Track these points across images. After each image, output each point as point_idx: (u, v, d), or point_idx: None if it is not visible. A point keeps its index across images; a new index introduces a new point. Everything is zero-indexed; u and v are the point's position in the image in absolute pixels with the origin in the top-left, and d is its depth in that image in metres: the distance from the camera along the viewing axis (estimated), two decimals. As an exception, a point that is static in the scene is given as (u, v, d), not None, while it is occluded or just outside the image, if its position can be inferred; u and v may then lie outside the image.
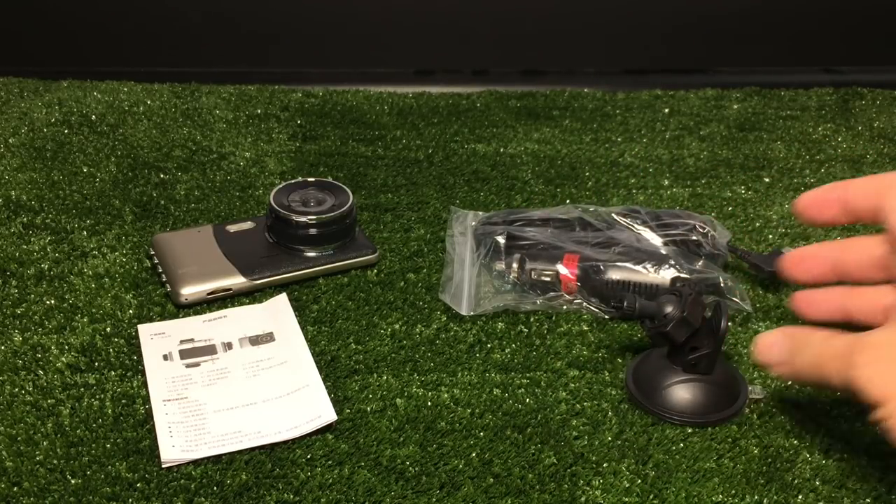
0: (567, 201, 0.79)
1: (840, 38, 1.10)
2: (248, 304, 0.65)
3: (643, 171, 0.84)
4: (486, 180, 0.82)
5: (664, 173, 0.84)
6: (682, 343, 0.54)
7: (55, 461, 0.50)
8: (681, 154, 0.88)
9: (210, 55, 1.06)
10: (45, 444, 0.52)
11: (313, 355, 0.59)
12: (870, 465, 0.52)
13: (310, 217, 0.67)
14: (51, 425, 0.53)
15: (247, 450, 0.52)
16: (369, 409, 0.55)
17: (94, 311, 0.63)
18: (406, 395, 0.57)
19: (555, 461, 0.52)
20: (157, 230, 0.72)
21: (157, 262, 0.67)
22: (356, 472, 0.51)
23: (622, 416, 0.56)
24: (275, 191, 0.69)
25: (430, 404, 0.56)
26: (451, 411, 0.55)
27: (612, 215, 0.69)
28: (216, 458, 0.51)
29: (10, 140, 0.85)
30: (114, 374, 0.57)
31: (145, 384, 0.57)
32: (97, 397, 0.55)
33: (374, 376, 0.58)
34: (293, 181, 0.72)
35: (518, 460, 0.52)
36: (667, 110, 0.97)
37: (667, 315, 0.54)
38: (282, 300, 0.64)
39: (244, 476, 0.50)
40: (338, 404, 0.55)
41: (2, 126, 0.87)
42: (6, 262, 0.67)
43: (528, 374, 0.59)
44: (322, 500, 0.49)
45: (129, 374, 0.57)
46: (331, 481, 0.50)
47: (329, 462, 0.51)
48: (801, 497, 0.50)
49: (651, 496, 0.50)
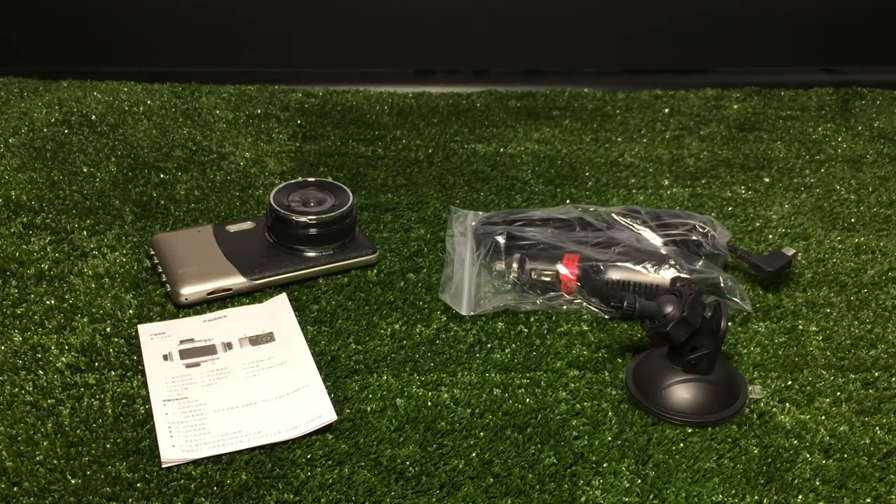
0: (567, 201, 0.79)
1: (840, 38, 1.10)
2: (248, 304, 0.65)
3: (643, 171, 0.84)
4: (486, 180, 0.82)
5: (664, 173, 0.84)
6: (682, 343, 0.54)
7: (55, 461, 0.50)
8: (681, 154, 0.88)
9: (210, 55, 1.06)
10: (45, 444, 0.52)
11: (313, 355, 0.59)
12: (870, 465, 0.52)
13: (310, 217, 0.67)
14: (51, 425, 0.53)
15: (247, 450, 0.52)
16: (369, 409, 0.55)
17: (94, 311, 0.63)
18: (406, 395, 0.57)
19: (555, 461, 0.52)
20: (157, 230, 0.72)
21: (157, 262, 0.67)
22: (356, 472, 0.51)
23: (622, 416, 0.56)
24: (275, 191, 0.69)
25: (430, 404, 0.56)
26: (451, 411, 0.55)
27: (612, 215, 0.69)
28: (216, 458, 0.51)
29: (10, 140, 0.85)
30: (114, 374, 0.57)
31: (145, 384, 0.57)
32: (97, 397, 0.55)
33: (374, 376, 0.58)
34: (293, 181, 0.71)
35: (518, 460, 0.52)
36: (667, 110, 0.97)
37: (667, 315, 0.54)
38: (282, 300, 0.64)
39: (244, 476, 0.50)
40: (338, 404, 0.55)
41: (2, 126, 0.87)
42: (6, 262, 0.67)
43: (528, 374, 0.59)
44: (322, 500, 0.49)
45: (129, 374, 0.57)
46: (331, 481, 0.50)
47: (329, 462, 0.51)
48: (801, 497, 0.50)
49: (651, 496, 0.50)
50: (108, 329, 0.61)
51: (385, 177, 0.82)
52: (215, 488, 0.49)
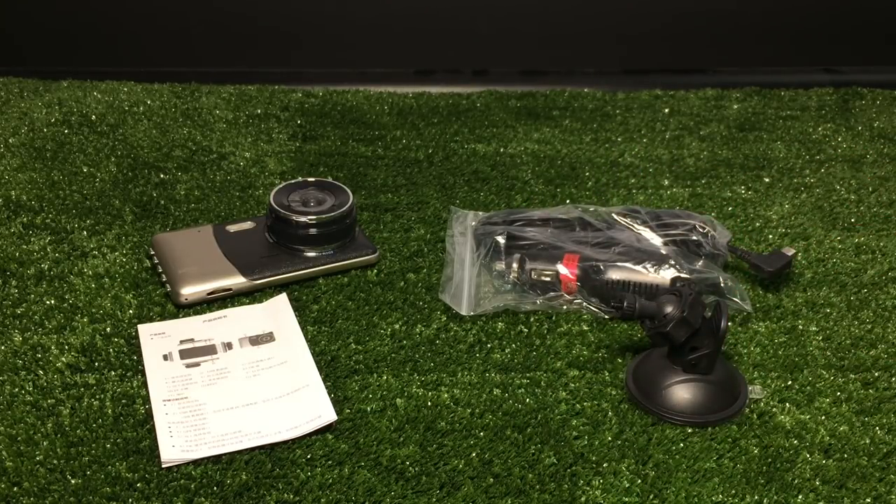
0: (567, 201, 0.79)
1: (840, 38, 1.10)
2: (248, 304, 0.65)
3: (643, 171, 0.84)
4: (486, 180, 0.82)
5: (664, 173, 0.84)
6: (682, 343, 0.54)
7: (55, 461, 0.50)
8: (681, 154, 0.88)
9: (210, 55, 1.06)
10: (45, 444, 0.52)
11: (313, 355, 0.59)
12: (870, 465, 0.52)
13: (310, 217, 0.67)
14: (51, 425, 0.53)
15: (247, 450, 0.52)
16: (369, 409, 0.55)
17: (94, 311, 0.63)
18: (406, 395, 0.57)
19: (555, 461, 0.52)
20: (157, 230, 0.72)
21: (157, 262, 0.67)
22: (356, 472, 0.51)
23: (622, 416, 0.56)
24: (275, 191, 0.69)
25: (430, 404, 0.56)
26: (451, 411, 0.55)
27: (612, 215, 0.69)
28: (216, 458, 0.51)
29: (10, 140, 0.85)
30: (114, 374, 0.57)
31: (145, 384, 0.57)
32: (97, 397, 0.55)
33: (374, 376, 0.58)
34: (293, 181, 0.71)
35: (518, 460, 0.52)
36: (667, 110, 0.97)
37: (667, 315, 0.54)
38: (282, 300, 0.64)
39: (244, 476, 0.50)
40: (338, 404, 0.55)
41: (2, 126, 0.87)
42: (6, 262, 0.67)
43: (528, 374, 0.59)
44: (322, 500, 0.49)
45: (129, 374, 0.57)
46: (331, 481, 0.50)
47: (329, 462, 0.51)
48: (801, 497, 0.50)
49: (651, 496, 0.50)
50: (108, 329, 0.61)
51: (385, 177, 0.82)
52: (215, 488, 0.49)
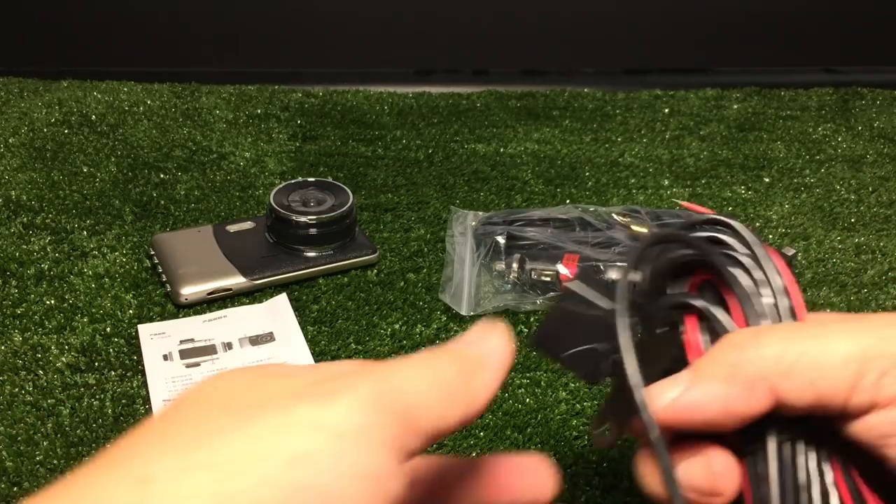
0: (567, 201, 0.79)
1: (840, 38, 1.10)
2: (248, 304, 0.65)
3: (643, 171, 0.84)
4: (486, 180, 0.82)
5: (664, 173, 0.84)
6: (682, 343, 0.54)
7: (55, 461, 0.50)
8: (681, 154, 0.88)
9: (210, 55, 1.06)
10: (45, 444, 0.52)
11: (313, 355, 0.59)
12: (870, 465, 0.52)
13: (310, 217, 0.67)
14: (51, 425, 0.53)
15: (247, 450, 0.52)
16: (369, 409, 0.55)
17: (94, 311, 0.63)
18: (406, 395, 0.57)
19: (555, 461, 0.52)
20: (157, 230, 0.72)
21: (157, 262, 0.67)
22: (356, 472, 0.51)
23: (622, 416, 0.56)
24: (275, 191, 0.69)
25: (430, 404, 0.56)
26: (451, 411, 0.55)
27: (612, 215, 0.69)
28: (216, 458, 0.51)
29: (10, 140, 0.85)
30: (114, 374, 0.57)
31: (145, 384, 0.57)
32: (97, 397, 0.55)
33: (374, 376, 0.58)
34: (293, 181, 0.71)
35: (518, 460, 0.52)
36: (667, 110, 0.97)
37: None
38: (282, 300, 0.64)
39: (244, 476, 0.50)
40: (338, 404, 0.55)
41: (2, 126, 0.87)
42: (6, 262, 0.67)
43: (528, 374, 0.59)
44: (322, 500, 0.49)
45: (129, 374, 0.57)
46: (331, 481, 0.50)
47: (329, 462, 0.51)
48: (801, 497, 0.50)
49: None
50: (108, 329, 0.61)
51: (385, 177, 0.82)
52: (215, 488, 0.49)
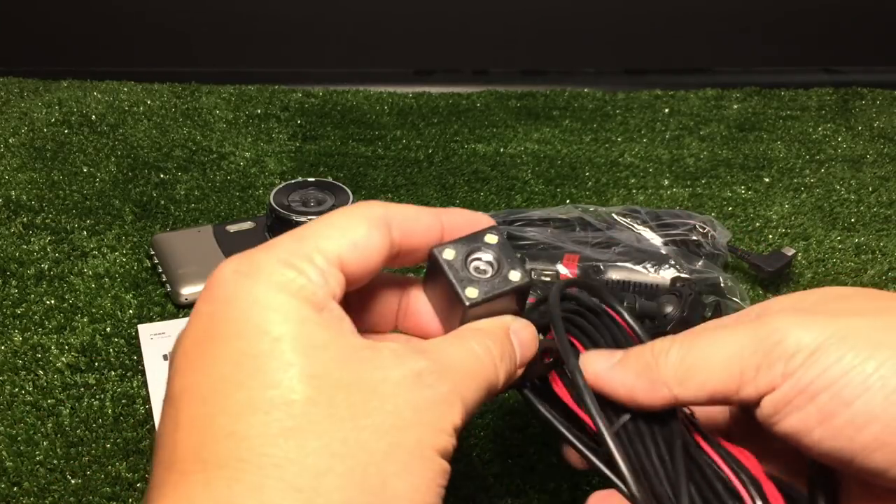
0: (567, 201, 0.79)
1: (840, 38, 1.10)
2: (248, 304, 0.65)
3: (643, 171, 0.84)
4: (486, 180, 0.82)
5: (664, 173, 0.84)
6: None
7: (55, 461, 0.50)
8: (681, 154, 0.88)
9: (210, 55, 1.06)
10: (45, 444, 0.52)
11: (313, 355, 0.59)
12: (870, 465, 0.52)
13: (310, 217, 0.67)
14: (51, 425, 0.53)
15: (247, 450, 0.52)
16: (369, 409, 0.55)
17: (94, 311, 0.63)
18: (406, 395, 0.57)
19: (555, 461, 0.52)
20: (157, 230, 0.72)
21: (157, 262, 0.67)
22: (356, 472, 0.51)
23: (622, 416, 0.55)
24: (275, 191, 0.69)
25: (430, 404, 0.56)
26: (451, 411, 0.55)
27: (612, 215, 0.69)
28: (216, 458, 0.51)
29: (10, 140, 0.85)
30: (114, 374, 0.57)
31: (145, 384, 0.57)
32: (97, 397, 0.55)
33: (374, 376, 0.58)
34: (293, 181, 0.71)
35: (518, 460, 0.52)
36: (667, 110, 0.97)
37: (667, 315, 0.54)
38: (282, 300, 0.64)
39: (244, 476, 0.50)
40: (338, 404, 0.55)
41: (2, 126, 0.87)
42: (6, 262, 0.67)
43: (528, 374, 0.59)
44: (322, 500, 0.49)
45: (129, 374, 0.57)
46: (331, 481, 0.50)
47: (329, 462, 0.51)
48: (801, 497, 0.50)
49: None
50: (108, 329, 0.61)
51: (385, 177, 0.82)
52: (215, 488, 0.49)
